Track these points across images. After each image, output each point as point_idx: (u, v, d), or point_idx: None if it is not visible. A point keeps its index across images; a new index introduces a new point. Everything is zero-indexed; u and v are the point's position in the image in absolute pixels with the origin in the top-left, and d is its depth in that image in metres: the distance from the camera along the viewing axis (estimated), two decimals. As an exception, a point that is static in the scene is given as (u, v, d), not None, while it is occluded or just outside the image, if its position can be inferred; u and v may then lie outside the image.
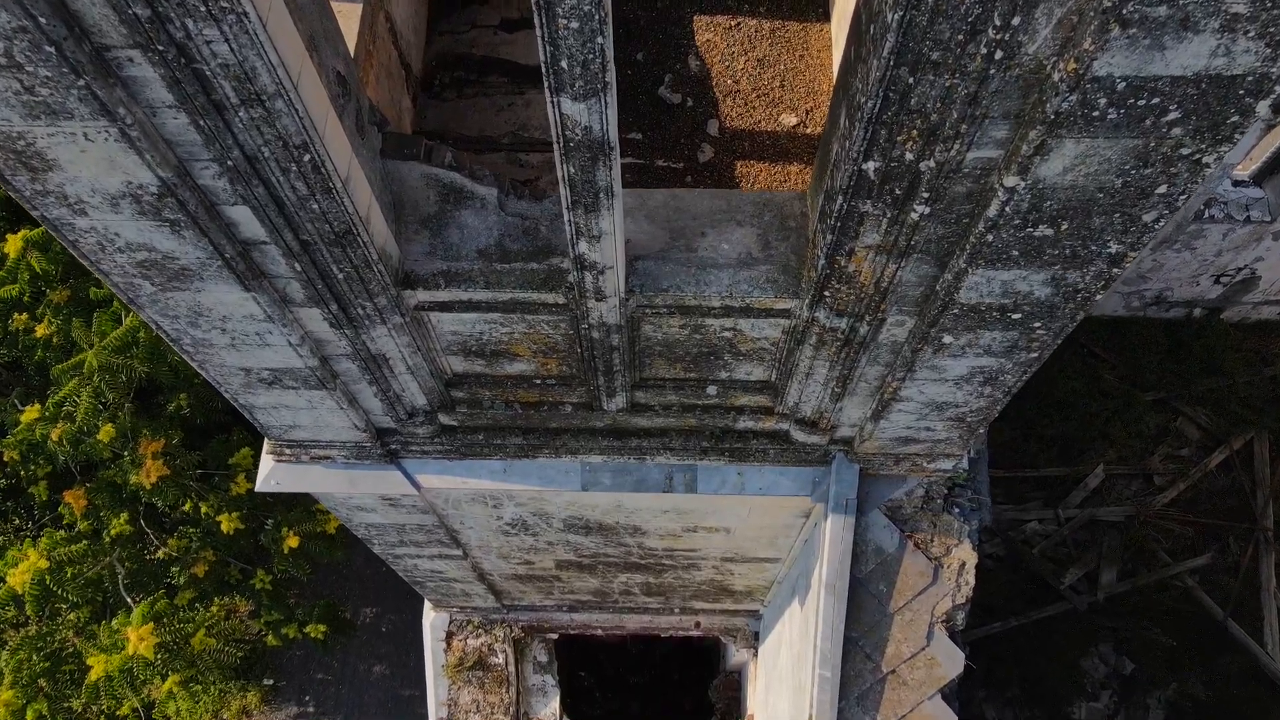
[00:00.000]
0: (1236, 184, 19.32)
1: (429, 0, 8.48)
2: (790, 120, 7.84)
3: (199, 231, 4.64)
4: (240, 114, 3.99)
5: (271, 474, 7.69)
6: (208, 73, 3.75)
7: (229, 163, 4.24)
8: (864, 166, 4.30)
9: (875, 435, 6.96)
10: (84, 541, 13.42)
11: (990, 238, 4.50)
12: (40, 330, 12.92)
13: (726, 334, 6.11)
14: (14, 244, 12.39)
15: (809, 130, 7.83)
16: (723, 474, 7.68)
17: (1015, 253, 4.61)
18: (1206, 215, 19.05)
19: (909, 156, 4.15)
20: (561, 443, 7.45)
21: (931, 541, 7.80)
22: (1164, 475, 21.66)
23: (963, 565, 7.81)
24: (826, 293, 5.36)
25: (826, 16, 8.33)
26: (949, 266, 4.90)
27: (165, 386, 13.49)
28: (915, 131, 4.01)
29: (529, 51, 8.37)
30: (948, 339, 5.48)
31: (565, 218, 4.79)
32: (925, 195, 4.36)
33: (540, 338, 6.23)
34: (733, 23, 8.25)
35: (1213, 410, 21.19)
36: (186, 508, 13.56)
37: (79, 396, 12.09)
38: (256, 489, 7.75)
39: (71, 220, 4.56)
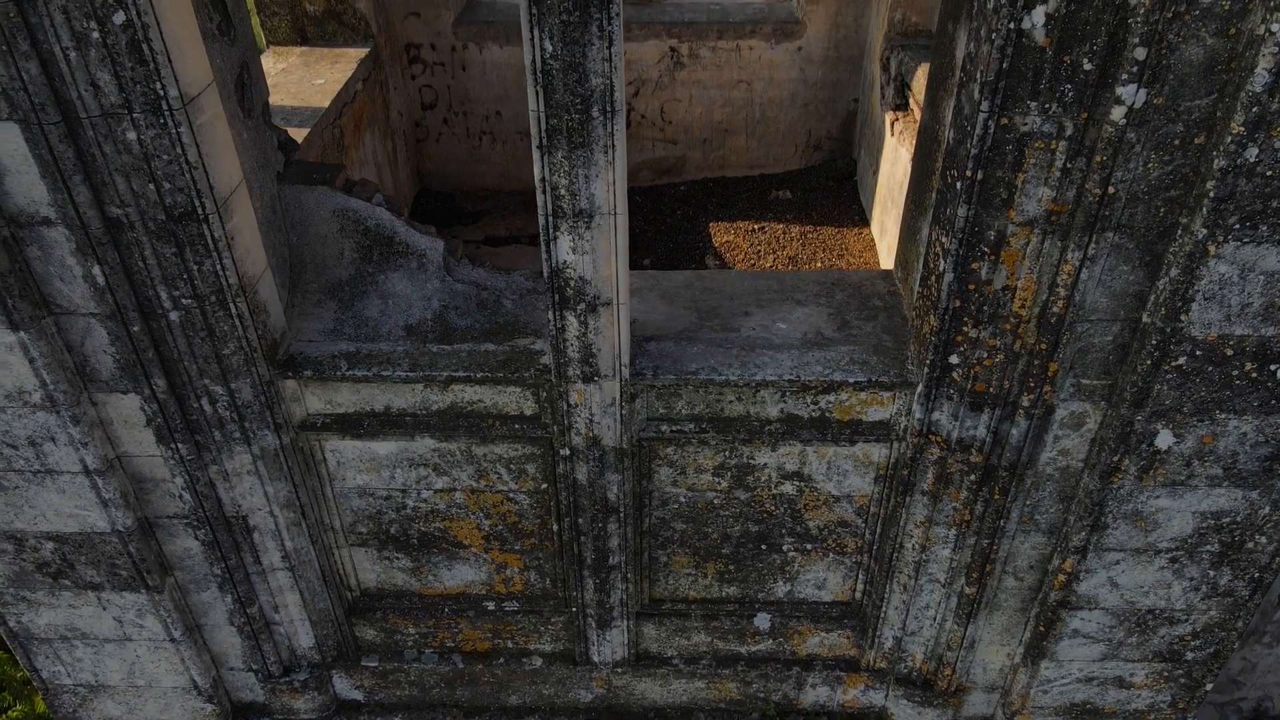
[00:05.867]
0: (1312, 559, 17.23)
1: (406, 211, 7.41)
2: (837, 311, 6.25)
3: (-72, 166, 2.81)
4: (0, -126, 2.42)
5: (56, 795, 4.77)
6: None
7: (-22, -8, 2.56)
8: (1026, 23, 2.61)
9: (1031, 702, 4.29)
10: None
11: (1252, 153, 2.65)
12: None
13: (788, 488, 3.89)
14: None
15: (862, 323, 6.21)
16: (782, 796, 4.76)
17: (1293, 194, 2.72)
18: (1289, 596, 16.70)
19: (1109, -28, 2.48)
20: (524, 730, 4.69)
21: None
22: None
23: None
24: (954, 358, 3.32)
25: (864, 221, 7.18)
26: (1168, 258, 2.96)
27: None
28: (1121, -93, 2.40)
29: (516, 262, 7.09)
30: (1164, 439, 3.30)
31: (537, 167, 2.97)
32: (1137, 62, 2.61)
33: (496, 501, 3.99)
34: (755, 227, 7.07)
35: None
36: None
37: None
38: (26, 823, 4.77)
39: None
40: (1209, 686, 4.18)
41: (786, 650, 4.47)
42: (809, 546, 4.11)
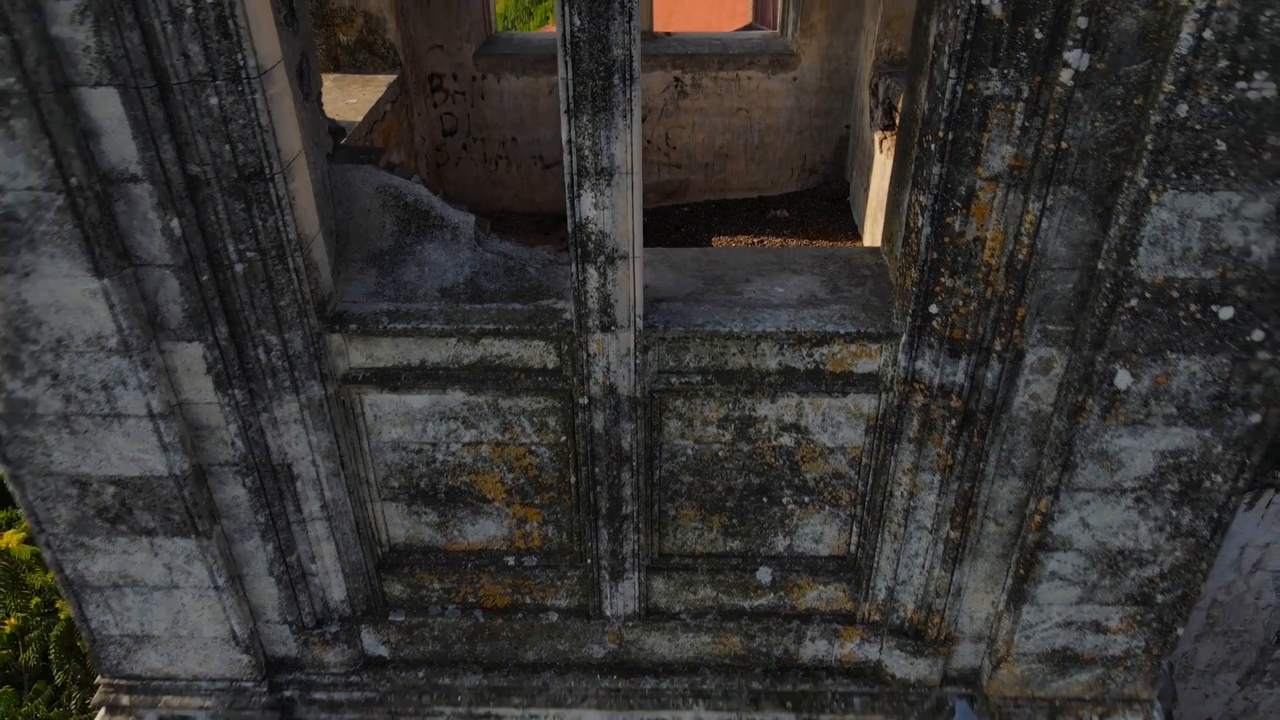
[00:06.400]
0: (1310, 596, 17.40)
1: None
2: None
3: (37, 124, 3.24)
4: None
5: (95, 751, 5.02)
6: None
7: (97, -30, 3.03)
8: (985, -1, 3.07)
9: (1015, 649, 4.59)
10: None
11: (1182, 110, 3.09)
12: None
13: (786, 440, 4.25)
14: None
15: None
16: (784, 751, 5.01)
17: (1221, 146, 3.16)
18: (1288, 634, 16.88)
19: (1052, -47, 2.95)
20: (540, 684, 4.96)
21: None
22: None
23: None
24: (934, 307, 3.72)
25: (856, 236, 7.64)
26: (1116, 209, 3.39)
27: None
28: (1059, -103, 2.87)
29: (530, 272, 7.51)
30: (1123, 379, 3.68)
31: (565, 130, 3.41)
32: (1080, 30, 3.06)
33: (519, 454, 4.35)
34: (754, 240, 7.53)
35: None
36: None
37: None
38: (66, 778, 5.02)
39: None
40: (1180, 632, 4.48)
41: (787, 604, 4.78)
42: (806, 499, 4.45)
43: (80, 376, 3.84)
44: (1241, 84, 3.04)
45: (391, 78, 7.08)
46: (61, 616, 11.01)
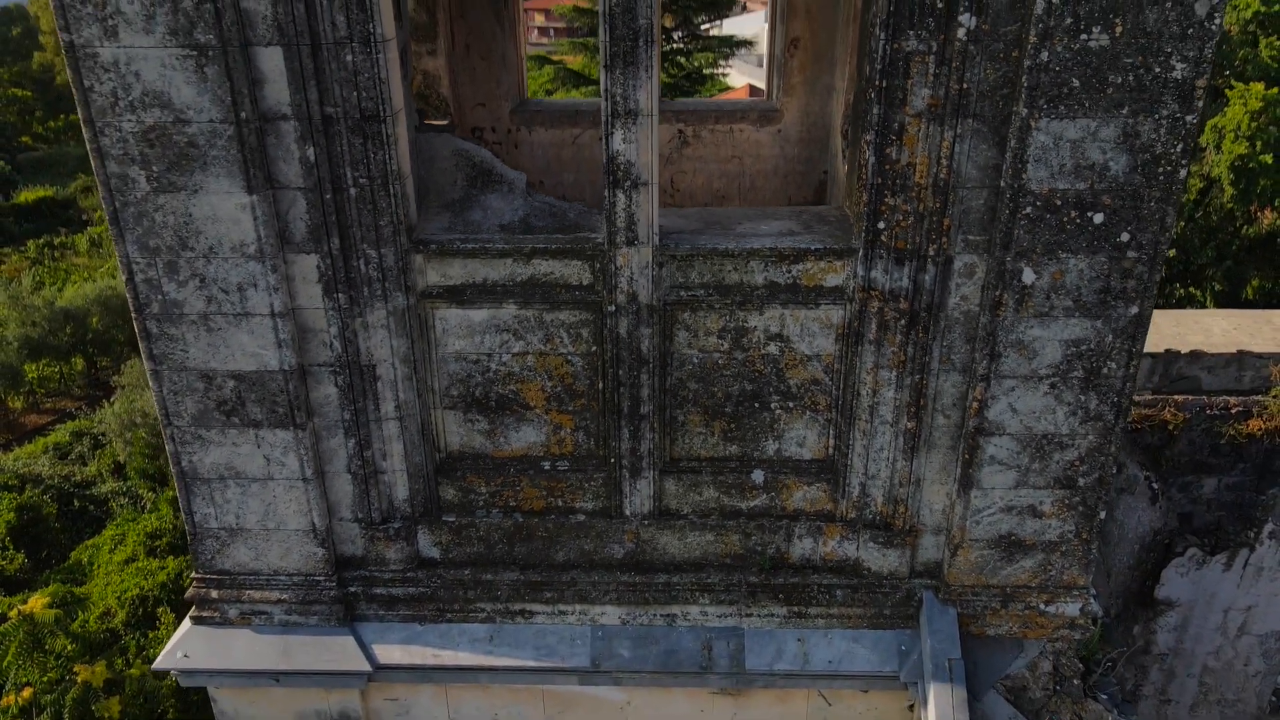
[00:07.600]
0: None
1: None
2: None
3: (223, 71, 4.47)
4: (307, -110, 4.23)
5: (181, 643, 5.82)
6: None
7: (280, -42, 4.32)
8: (902, -19, 4.36)
9: (968, 535, 5.49)
10: None
11: (1044, 56, 4.33)
12: None
13: (772, 349, 5.31)
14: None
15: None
16: (778, 641, 5.80)
17: (1075, 83, 4.37)
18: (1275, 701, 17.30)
19: (945, -54, 4.24)
20: (569, 581, 5.81)
21: (1078, 741, 5.51)
22: None
23: (1133, 783, 5.39)
24: (881, 223, 4.86)
25: (837, 257, 8.83)
26: (1009, 136, 4.57)
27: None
28: (946, -92, 4.19)
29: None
30: (1028, 275, 4.78)
31: (602, 82, 4.64)
32: (968, 1, 4.33)
33: (558, 364, 5.39)
34: (749, 260, 8.71)
35: None
36: None
37: None
38: (155, 665, 5.78)
39: (97, 49, 4.44)
40: (1102, 515, 5.39)
41: (778, 505, 5.70)
42: (791, 404, 5.46)
43: (222, 279, 4.94)
44: (1084, 35, 4.29)
45: (444, 122, 8.45)
46: (79, 680, 11.62)
